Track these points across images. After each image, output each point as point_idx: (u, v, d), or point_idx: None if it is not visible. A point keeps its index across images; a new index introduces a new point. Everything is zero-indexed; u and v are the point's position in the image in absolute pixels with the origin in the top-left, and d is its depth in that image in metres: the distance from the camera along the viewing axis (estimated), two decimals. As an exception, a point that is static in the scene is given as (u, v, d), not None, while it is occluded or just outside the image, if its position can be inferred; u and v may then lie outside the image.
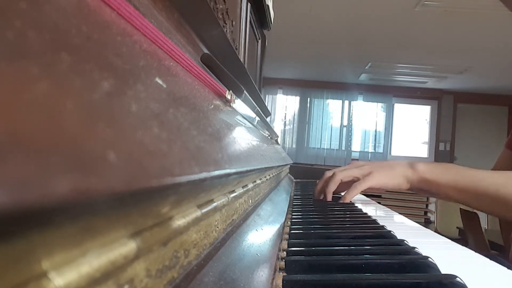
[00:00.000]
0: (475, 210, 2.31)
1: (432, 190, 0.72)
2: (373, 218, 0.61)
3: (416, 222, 0.68)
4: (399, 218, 0.72)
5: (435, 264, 0.32)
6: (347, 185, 0.77)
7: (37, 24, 0.09)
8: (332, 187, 0.77)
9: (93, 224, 0.09)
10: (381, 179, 0.74)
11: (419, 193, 0.78)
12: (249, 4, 0.93)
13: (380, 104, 4.95)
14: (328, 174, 0.81)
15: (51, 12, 0.10)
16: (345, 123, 4.90)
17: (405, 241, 0.41)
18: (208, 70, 0.36)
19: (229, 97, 0.33)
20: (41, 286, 0.07)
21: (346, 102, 4.89)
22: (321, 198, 0.80)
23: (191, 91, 0.22)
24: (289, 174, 1.44)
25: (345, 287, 0.28)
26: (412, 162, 0.75)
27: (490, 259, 0.40)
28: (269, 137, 0.82)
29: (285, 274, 0.31)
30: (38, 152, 0.07)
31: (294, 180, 1.41)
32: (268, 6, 1.15)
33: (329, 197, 0.77)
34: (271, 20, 1.25)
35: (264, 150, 0.47)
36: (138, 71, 0.15)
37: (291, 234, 0.44)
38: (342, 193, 0.80)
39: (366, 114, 4.92)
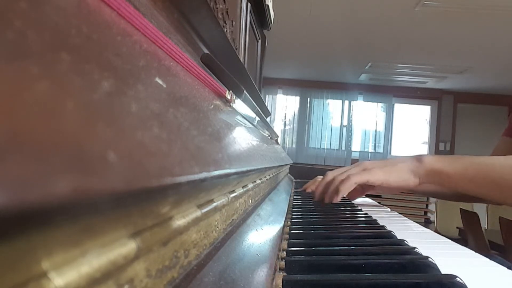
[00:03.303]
0: (475, 210, 2.31)
1: (442, 182, 0.68)
2: (373, 218, 0.61)
3: (416, 222, 0.68)
4: (399, 218, 0.72)
5: (435, 264, 0.32)
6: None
7: (37, 24, 0.09)
8: (335, 199, 0.73)
9: (93, 224, 0.09)
10: (380, 175, 0.70)
11: (426, 194, 0.74)
12: (249, 4, 0.93)
13: (380, 104, 4.94)
14: (327, 178, 0.77)
15: (51, 12, 0.10)
16: (345, 123, 4.89)
17: (405, 241, 0.41)
18: (208, 70, 0.36)
19: (229, 97, 0.33)
20: (41, 286, 0.07)
21: (346, 102, 4.89)
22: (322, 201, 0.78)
23: (191, 91, 0.22)
24: (289, 174, 1.44)
25: (345, 287, 0.28)
26: (418, 156, 0.71)
27: (490, 259, 0.40)
28: (269, 137, 0.82)
29: (285, 274, 0.31)
30: (38, 152, 0.07)
31: (294, 180, 1.41)
32: (268, 6, 1.15)
33: (335, 200, 0.74)
34: (271, 20, 1.25)
35: (264, 150, 0.47)
36: (138, 71, 0.15)
37: (291, 234, 0.44)
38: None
39: (366, 114, 4.92)
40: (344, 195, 0.80)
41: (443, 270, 0.31)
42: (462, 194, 0.70)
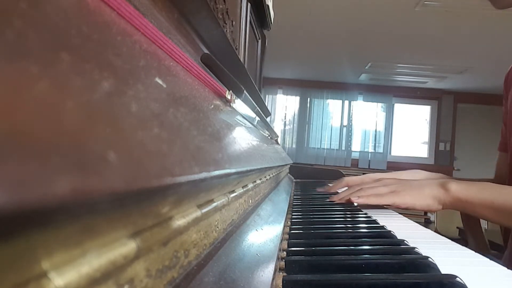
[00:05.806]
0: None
1: (466, 210, 0.69)
2: (373, 218, 0.61)
3: (416, 222, 0.68)
4: (399, 218, 0.72)
5: (435, 264, 0.32)
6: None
7: (37, 24, 0.09)
8: (355, 199, 0.75)
9: (93, 224, 0.09)
10: (407, 199, 0.71)
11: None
12: (249, 4, 0.93)
13: (380, 104, 4.94)
14: (356, 187, 0.79)
15: (51, 12, 0.10)
16: (345, 123, 4.90)
17: (405, 241, 0.41)
18: (208, 70, 0.36)
19: (229, 97, 0.33)
20: (41, 286, 0.07)
21: (346, 102, 4.89)
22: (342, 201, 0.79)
23: (191, 91, 0.22)
24: (289, 174, 1.43)
25: (345, 287, 0.28)
26: (443, 182, 0.71)
27: (490, 259, 0.40)
28: (269, 137, 0.82)
29: (285, 274, 0.31)
30: (38, 152, 0.07)
31: (294, 180, 1.41)
32: (268, 6, 1.15)
33: (351, 202, 0.76)
34: (271, 20, 1.25)
35: (264, 150, 0.47)
36: (138, 71, 0.15)
37: (291, 234, 0.44)
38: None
39: (366, 114, 4.92)
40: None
41: (443, 270, 0.31)
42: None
